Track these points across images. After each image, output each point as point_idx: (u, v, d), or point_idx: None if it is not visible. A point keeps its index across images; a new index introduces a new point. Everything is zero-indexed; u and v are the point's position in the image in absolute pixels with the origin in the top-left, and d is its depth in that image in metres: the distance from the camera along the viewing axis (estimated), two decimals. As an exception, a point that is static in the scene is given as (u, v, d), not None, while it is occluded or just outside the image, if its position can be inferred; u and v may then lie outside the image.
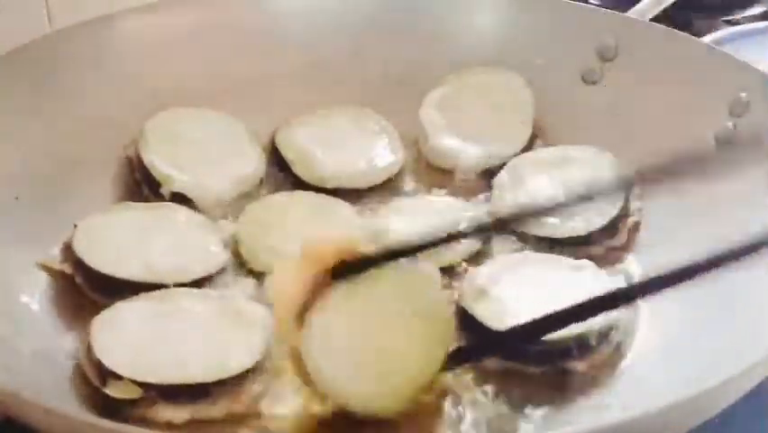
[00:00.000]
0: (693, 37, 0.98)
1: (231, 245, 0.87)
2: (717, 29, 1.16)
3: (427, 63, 1.02)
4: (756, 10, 1.24)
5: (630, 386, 0.76)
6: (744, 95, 0.89)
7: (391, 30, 1.04)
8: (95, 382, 0.73)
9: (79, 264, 0.83)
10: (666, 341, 0.79)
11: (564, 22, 1.01)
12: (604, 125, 0.96)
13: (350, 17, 1.04)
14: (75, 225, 0.85)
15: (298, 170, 0.94)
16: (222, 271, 0.84)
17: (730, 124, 0.89)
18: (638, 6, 1.02)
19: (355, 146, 0.96)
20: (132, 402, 0.72)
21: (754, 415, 0.76)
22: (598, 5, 1.16)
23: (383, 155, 0.96)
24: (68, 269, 0.83)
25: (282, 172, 0.95)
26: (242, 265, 0.85)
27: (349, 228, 0.88)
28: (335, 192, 0.92)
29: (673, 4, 1.02)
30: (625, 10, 1.01)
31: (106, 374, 0.73)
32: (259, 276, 0.84)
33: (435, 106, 0.99)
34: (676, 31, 0.97)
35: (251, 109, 0.98)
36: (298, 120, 0.98)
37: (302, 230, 0.87)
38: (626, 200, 0.89)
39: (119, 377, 0.72)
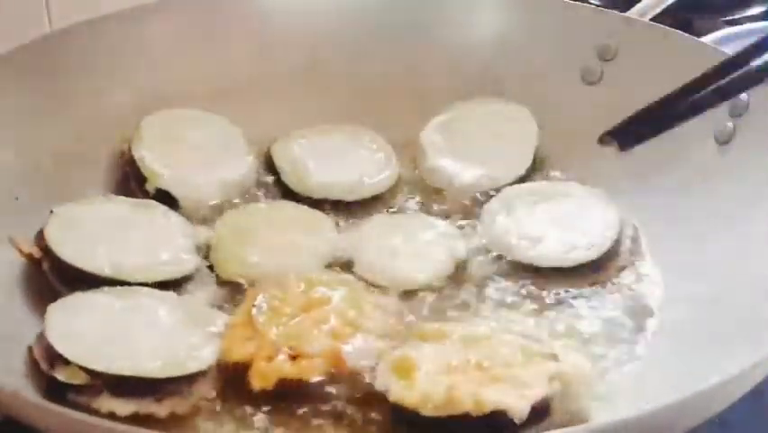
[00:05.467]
0: (693, 37, 0.98)
1: (203, 251, 0.86)
2: (717, 29, 1.16)
3: (426, 66, 1.03)
4: (756, 10, 1.24)
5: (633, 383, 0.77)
6: (743, 95, 0.89)
7: (391, 34, 1.04)
8: (42, 366, 0.73)
9: (48, 251, 0.82)
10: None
11: (564, 22, 1.01)
12: (603, 125, 0.95)
13: (351, 22, 1.04)
14: (51, 211, 0.84)
15: (288, 178, 0.94)
16: (189, 275, 0.84)
17: (730, 124, 0.89)
18: (638, 6, 1.02)
19: (348, 160, 0.96)
20: (78, 389, 0.72)
21: (754, 415, 0.76)
22: (598, 5, 1.16)
23: (375, 171, 0.95)
24: (37, 253, 0.82)
25: (273, 181, 0.95)
26: (211, 272, 0.85)
27: (322, 242, 0.87)
28: (323, 204, 0.92)
29: (673, 4, 1.02)
30: (625, 10, 1.01)
31: (55, 358, 0.73)
32: (225, 285, 0.84)
33: (438, 130, 0.98)
34: (676, 31, 0.97)
35: (247, 112, 0.98)
36: (297, 133, 0.97)
37: (276, 242, 0.87)
38: (617, 241, 0.87)
39: (67, 362, 0.72)
